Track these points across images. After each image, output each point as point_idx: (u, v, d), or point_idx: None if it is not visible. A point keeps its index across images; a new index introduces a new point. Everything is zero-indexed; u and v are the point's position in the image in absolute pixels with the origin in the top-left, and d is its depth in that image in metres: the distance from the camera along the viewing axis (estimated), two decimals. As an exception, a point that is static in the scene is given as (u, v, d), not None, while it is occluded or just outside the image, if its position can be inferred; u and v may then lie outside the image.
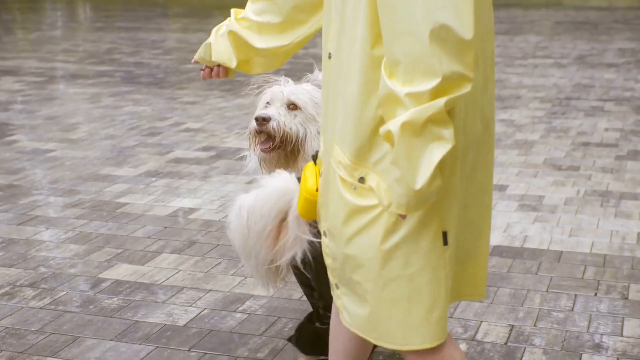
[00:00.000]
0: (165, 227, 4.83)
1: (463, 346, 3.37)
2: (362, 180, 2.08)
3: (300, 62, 11.29)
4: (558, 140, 6.66)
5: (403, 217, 2.01)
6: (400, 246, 2.06)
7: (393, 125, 1.88)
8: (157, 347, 3.41)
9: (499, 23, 15.65)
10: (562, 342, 3.39)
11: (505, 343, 3.39)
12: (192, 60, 2.81)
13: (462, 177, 2.13)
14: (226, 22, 2.73)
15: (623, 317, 3.59)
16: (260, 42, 2.65)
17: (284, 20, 2.63)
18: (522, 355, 3.29)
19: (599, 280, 3.98)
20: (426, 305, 2.09)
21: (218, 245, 4.54)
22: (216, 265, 4.27)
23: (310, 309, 3.20)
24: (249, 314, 3.70)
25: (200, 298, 3.87)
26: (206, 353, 3.35)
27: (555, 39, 12.74)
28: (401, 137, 1.87)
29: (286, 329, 3.54)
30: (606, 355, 3.28)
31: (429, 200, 1.95)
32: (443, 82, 1.84)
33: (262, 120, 3.08)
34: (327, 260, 2.28)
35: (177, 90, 9.29)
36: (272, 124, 3.10)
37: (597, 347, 3.34)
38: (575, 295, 3.83)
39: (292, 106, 3.14)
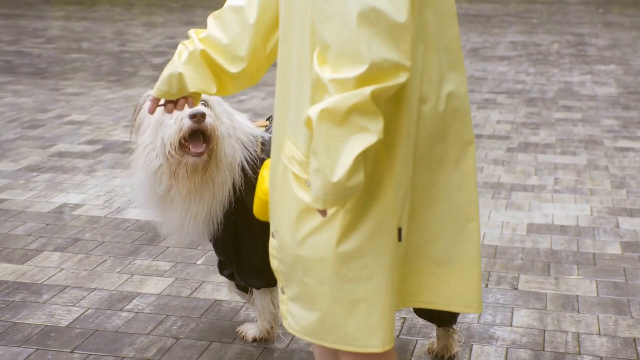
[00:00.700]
0: (48, 224, 4.72)
1: (355, 340, 3.41)
2: None
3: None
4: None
5: (323, 213, 1.94)
6: (358, 246, 1.98)
7: (312, 111, 1.80)
8: (38, 349, 3.33)
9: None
10: (454, 333, 3.47)
11: (397, 336, 3.45)
12: (150, 98, 2.48)
13: (427, 170, 2.06)
14: (183, 46, 2.39)
15: (513, 308, 3.70)
16: (234, 67, 2.33)
17: (255, 22, 2.29)
18: (414, 348, 3.35)
19: (489, 272, 4.09)
20: (385, 306, 2.02)
21: (104, 242, 4.46)
22: (101, 263, 4.20)
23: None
24: (136, 312, 3.66)
25: (84, 297, 3.80)
26: (90, 354, 3.30)
27: (448, 31, 12.99)
28: (319, 124, 1.79)
29: (175, 327, 3.51)
30: (496, 345, 3.38)
31: (349, 195, 1.86)
32: (371, 70, 1.76)
33: (201, 117, 2.84)
34: (274, 263, 2.18)
35: (60, 81, 9.08)
36: (209, 120, 2.87)
37: (488, 338, 3.43)
38: (467, 286, 3.92)
39: (204, 103, 2.95)
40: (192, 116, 2.85)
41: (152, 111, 2.51)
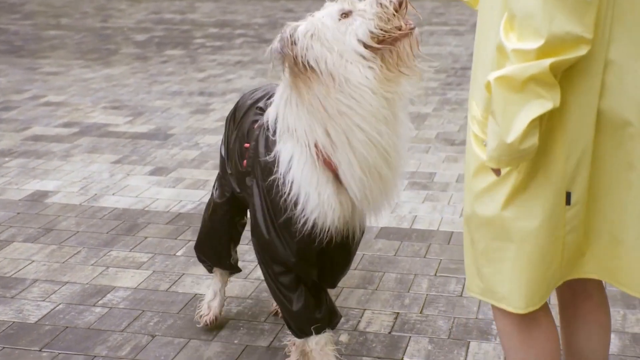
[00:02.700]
0: (19, 213, 4.68)
1: (344, 337, 3.37)
2: None
3: (177, 29, 11.15)
4: (452, 114, 6.76)
5: (497, 172, 2.16)
6: (524, 206, 2.17)
7: (492, 76, 2.01)
8: (4, 347, 3.29)
9: (393, -13, 15.74)
10: (450, 329, 3.43)
11: (390, 332, 3.41)
12: None
13: (619, 146, 2.16)
14: None
15: (514, 301, 3.66)
16: None
17: None
18: (407, 345, 3.31)
19: (490, 263, 4.04)
20: (543, 265, 2.21)
21: (78, 232, 4.42)
22: (75, 254, 4.15)
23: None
24: (110, 307, 3.61)
25: (55, 291, 3.75)
26: (60, 353, 3.25)
27: (452, 4, 12.92)
28: (496, 89, 2.00)
29: (151, 324, 3.47)
30: (495, 342, 3.33)
31: (523, 157, 2.06)
32: (550, 42, 1.93)
33: None
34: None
35: (37, 60, 9.01)
36: None
37: (486, 334, 3.39)
38: (465, 279, 3.88)
39: None
40: None
41: None
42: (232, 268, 3.45)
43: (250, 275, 3.90)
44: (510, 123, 2.01)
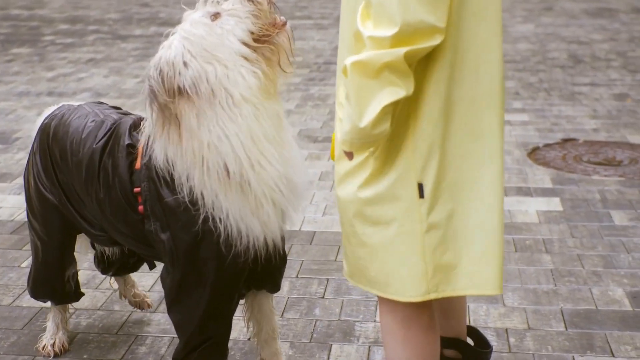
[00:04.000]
0: None
1: (201, 346, 3.32)
2: None
3: (24, 26, 10.85)
4: (315, 110, 6.78)
5: (349, 155, 2.27)
6: (377, 193, 2.27)
7: (349, 61, 2.11)
8: None
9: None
10: (311, 333, 3.43)
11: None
12: None
13: (473, 139, 2.26)
14: None
15: (377, 302, 3.68)
16: None
17: None
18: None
19: (353, 262, 4.06)
20: (399, 257, 2.29)
21: None
22: None
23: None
24: (-54, 326, 3.47)
25: None
26: None
27: (315, -2, 13.01)
28: (352, 74, 2.10)
29: (-8, 342, 3.34)
30: (357, 343, 3.35)
31: (374, 142, 2.18)
32: (404, 30, 2.03)
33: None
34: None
35: None
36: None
37: (348, 336, 3.40)
38: (328, 279, 3.89)
39: None
40: None
41: None
42: (76, 298, 3.32)
43: (102, 285, 3.81)
44: (364, 108, 2.11)
